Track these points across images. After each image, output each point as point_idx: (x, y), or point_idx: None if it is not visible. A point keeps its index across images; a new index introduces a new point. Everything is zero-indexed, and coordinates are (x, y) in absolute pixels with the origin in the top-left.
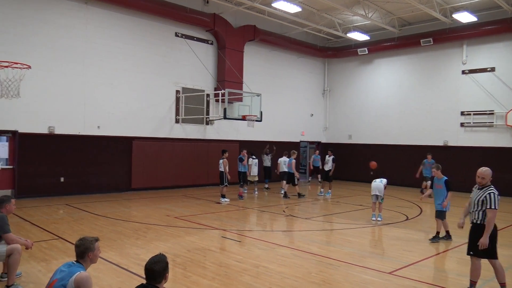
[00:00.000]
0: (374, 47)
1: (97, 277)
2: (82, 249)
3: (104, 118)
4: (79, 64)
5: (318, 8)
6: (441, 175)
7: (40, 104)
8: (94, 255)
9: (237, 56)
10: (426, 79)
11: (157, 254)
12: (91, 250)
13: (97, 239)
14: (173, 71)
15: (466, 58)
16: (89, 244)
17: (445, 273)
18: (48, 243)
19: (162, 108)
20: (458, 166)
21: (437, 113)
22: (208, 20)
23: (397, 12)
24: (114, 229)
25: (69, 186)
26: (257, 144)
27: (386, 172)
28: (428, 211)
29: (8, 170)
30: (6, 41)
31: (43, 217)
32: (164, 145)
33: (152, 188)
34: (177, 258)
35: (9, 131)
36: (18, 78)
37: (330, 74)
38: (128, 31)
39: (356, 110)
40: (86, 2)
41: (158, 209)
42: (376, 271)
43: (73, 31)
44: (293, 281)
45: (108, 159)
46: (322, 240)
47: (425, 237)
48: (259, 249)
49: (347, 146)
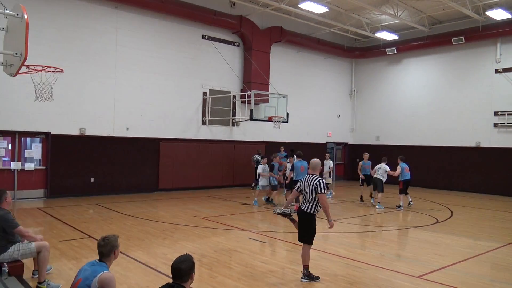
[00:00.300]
0: (403, 47)
1: (125, 276)
2: (109, 248)
3: (132, 119)
4: (110, 67)
5: (345, 8)
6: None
7: (72, 106)
8: (118, 251)
9: (263, 57)
10: (457, 79)
11: (184, 254)
12: (117, 247)
13: (118, 236)
14: (200, 73)
15: (500, 56)
16: (114, 242)
17: (478, 278)
18: (79, 242)
19: (189, 110)
20: (491, 168)
21: (469, 113)
22: (235, 22)
23: (427, 10)
24: (142, 229)
25: (99, 186)
26: (283, 145)
27: (415, 173)
28: (459, 215)
29: (41, 171)
30: (41, 45)
31: (74, 216)
32: (191, 146)
33: (179, 189)
34: (204, 259)
35: (43, 133)
36: (51, 81)
37: (358, 74)
38: (156, 34)
39: (384, 111)
40: (116, 6)
41: (185, 210)
42: (405, 275)
43: (105, 35)
44: (320, 283)
45: (137, 160)
46: (349, 243)
47: (457, 240)
48: (285, 250)
49: (374, 147)
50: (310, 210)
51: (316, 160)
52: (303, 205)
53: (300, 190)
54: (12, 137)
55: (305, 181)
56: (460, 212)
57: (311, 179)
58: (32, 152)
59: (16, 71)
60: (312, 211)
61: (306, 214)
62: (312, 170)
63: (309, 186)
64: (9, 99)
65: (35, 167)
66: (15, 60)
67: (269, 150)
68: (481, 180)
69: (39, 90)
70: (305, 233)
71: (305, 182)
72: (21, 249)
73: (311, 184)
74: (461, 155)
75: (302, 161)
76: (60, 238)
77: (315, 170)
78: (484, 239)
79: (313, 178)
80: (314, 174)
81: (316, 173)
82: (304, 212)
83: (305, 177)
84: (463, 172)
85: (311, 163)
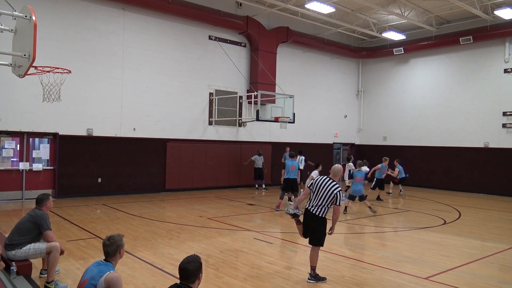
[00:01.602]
0: (411, 47)
1: (132, 276)
2: (114, 247)
3: (139, 120)
4: (117, 68)
5: (352, 8)
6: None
7: (79, 107)
8: (124, 250)
9: (270, 57)
10: (465, 79)
11: (191, 255)
12: (122, 247)
13: (123, 235)
14: (207, 73)
15: (509, 56)
16: (119, 241)
17: (485, 280)
18: (86, 242)
19: (196, 110)
20: (500, 169)
21: (477, 113)
22: (241, 22)
23: (435, 10)
24: (149, 229)
25: (106, 186)
26: (289, 145)
27: (422, 174)
28: (467, 215)
29: (49, 171)
30: (48, 47)
31: (82, 216)
32: (198, 146)
33: (185, 189)
34: (210, 259)
35: (50, 133)
36: (59, 82)
37: (364, 74)
38: (163, 35)
39: (391, 111)
40: (123, 8)
41: (192, 210)
42: (412, 276)
43: (112, 36)
44: (326, 284)
45: (143, 160)
46: (356, 244)
47: (464, 242)
48: (291, 251)
49: (382, 147)
50: (322, 215)
51: (338, 166)
52: (314, 208)
53: (312, 190)
54: (20, 137)
55: (321, 183)
56: (468, 213)
57: (330, 184)
58: (40, 153)
59: (25, 72)
60: (324, 216)
61: (318, 218)
62: (333, 176)
63: (326, 191)
64: (17, 100)
65: (43, 168)
66: (24, 61)
67: (276, 150)
68: (489, 181)
69: (47, 91)
70: (317, 236)
71: (321, 185)
72: (33, 248)
73: (329, 192)
74: (469, 156)
75: (293, 160)
76: (67, 238)
77: (335, 176)
78: (492, 240)
79: (333, 185)
80: (333, 180)
81: (336, 179)
82: (316, 216)
83: (322, 179)
84: (471, 173)
85: (332, 169)
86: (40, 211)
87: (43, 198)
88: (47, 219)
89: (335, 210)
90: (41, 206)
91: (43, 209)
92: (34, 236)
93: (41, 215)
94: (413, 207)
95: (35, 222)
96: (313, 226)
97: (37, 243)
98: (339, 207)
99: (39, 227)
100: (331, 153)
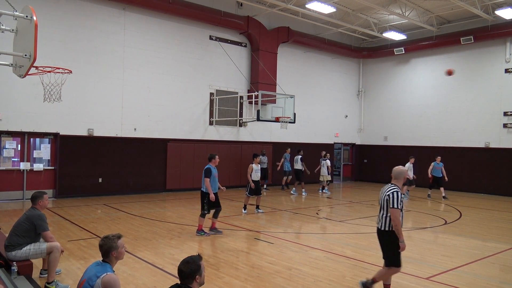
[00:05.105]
0: (411, 47)
1: (132, 276)
2: (105, 249)
3: (140, 120)
4: (117, 68)
5: (353, 8)
6: None
7: (80, 107)
8: (119, 252)
9: (270, 57)
10: (466, 79)
11: (192, 255)
12: (114, 249)
13: (119, 236)
14: (208, 73)
15: (510, 56)
16: (111, 243)
17: (486, 280)
18: (87, 242)
19: (197, 110)
20: (501, 169)
21: (478, 113)
22: (242, 22)
23: (436, 10)
24: (149, 229)
25: (107, 186)
26: (290, 145)
27: (423, 174)
28: (468, 216)
29: (50, 171)
30: (49, 47)
31: (82, 216)
32: (198, 146)
33: (186, 189)
34: (210, 259)
35: (51, 134)
36: (60, 82)
37: (365, 74)
38: (164, 35)
39: (392, 111)
40: (124, 8)
41: (192, 210)
42: (413, 276)
43: (112, 36)
44: (327, 284)
45: (144, 160)
46: (356, 244)
47: (465, 242)
48: (292, 251)
49: (382, 148)
50: (385, 228)
51: (399, 168)
52: (378, 222)
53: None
54: (21, 137)
55: (381, 192)
56: (469, 213)
57: (387, 189)
58: (41, 153)
59: (26, 72)
60: (388, 229)
61: (382, 233)
62: (394, 179)
63: (383, 197)
64: (18, 100)
65: (44, 168)
66: (25, 62)
67: (276, 150)
68: (490, 181)
69: (48, 91)
70: (386, 254)
71: (381, 192)
72: (33, 248)
73: (384, 195)
74: (470, 156)
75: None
76: (68, 238)
77: (397, 179)
78: (493, 240)
79: (388, 188)
80: (393, 184)
81: (398, 183)
82: (379, 230)
83: (384, 187)
84: (472, 173)
85: (393, 171)
86: (36, 211)
87: (37, 196)
88: (44, 219)
89: (392, 214)
90: (35, 204)
91: (37, 208)
92: (32, 236)
93: (38, 215)
94: (414, 207)
95: (31, 223)
96: (380, 244)
97: (37, 243)
98: (395, 210)
99: (35, 228)
100: (331, 153)
